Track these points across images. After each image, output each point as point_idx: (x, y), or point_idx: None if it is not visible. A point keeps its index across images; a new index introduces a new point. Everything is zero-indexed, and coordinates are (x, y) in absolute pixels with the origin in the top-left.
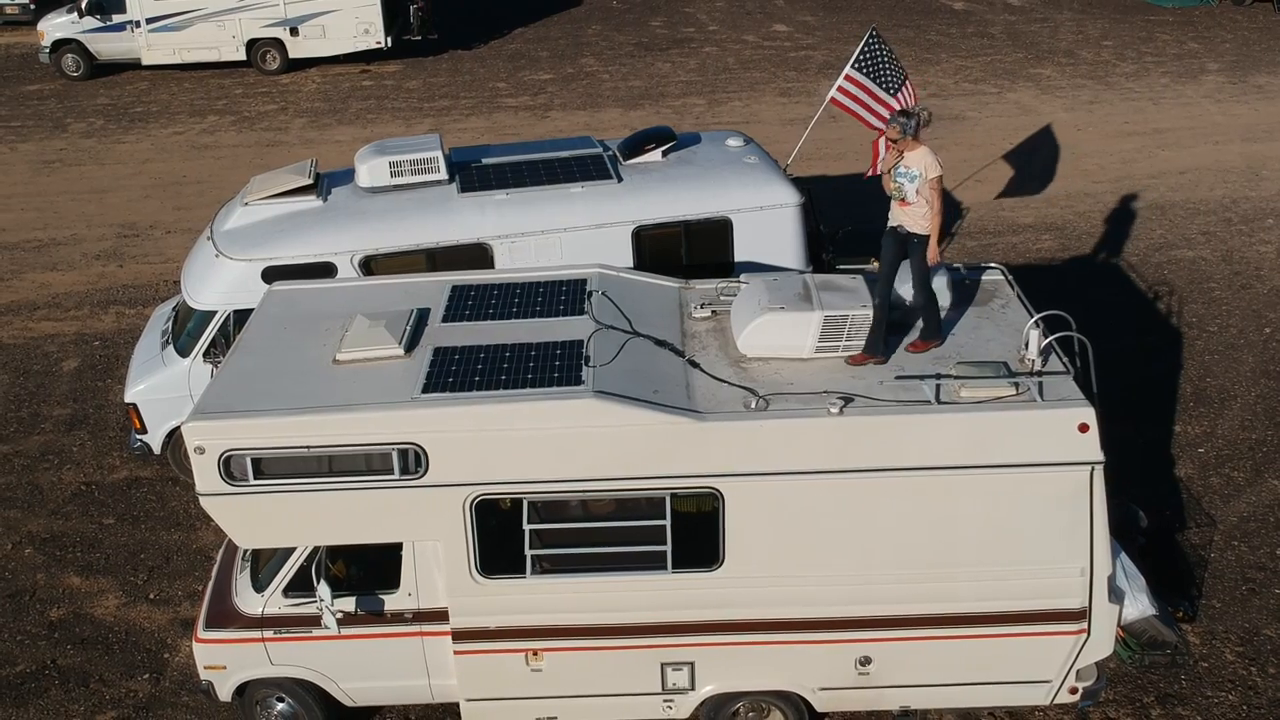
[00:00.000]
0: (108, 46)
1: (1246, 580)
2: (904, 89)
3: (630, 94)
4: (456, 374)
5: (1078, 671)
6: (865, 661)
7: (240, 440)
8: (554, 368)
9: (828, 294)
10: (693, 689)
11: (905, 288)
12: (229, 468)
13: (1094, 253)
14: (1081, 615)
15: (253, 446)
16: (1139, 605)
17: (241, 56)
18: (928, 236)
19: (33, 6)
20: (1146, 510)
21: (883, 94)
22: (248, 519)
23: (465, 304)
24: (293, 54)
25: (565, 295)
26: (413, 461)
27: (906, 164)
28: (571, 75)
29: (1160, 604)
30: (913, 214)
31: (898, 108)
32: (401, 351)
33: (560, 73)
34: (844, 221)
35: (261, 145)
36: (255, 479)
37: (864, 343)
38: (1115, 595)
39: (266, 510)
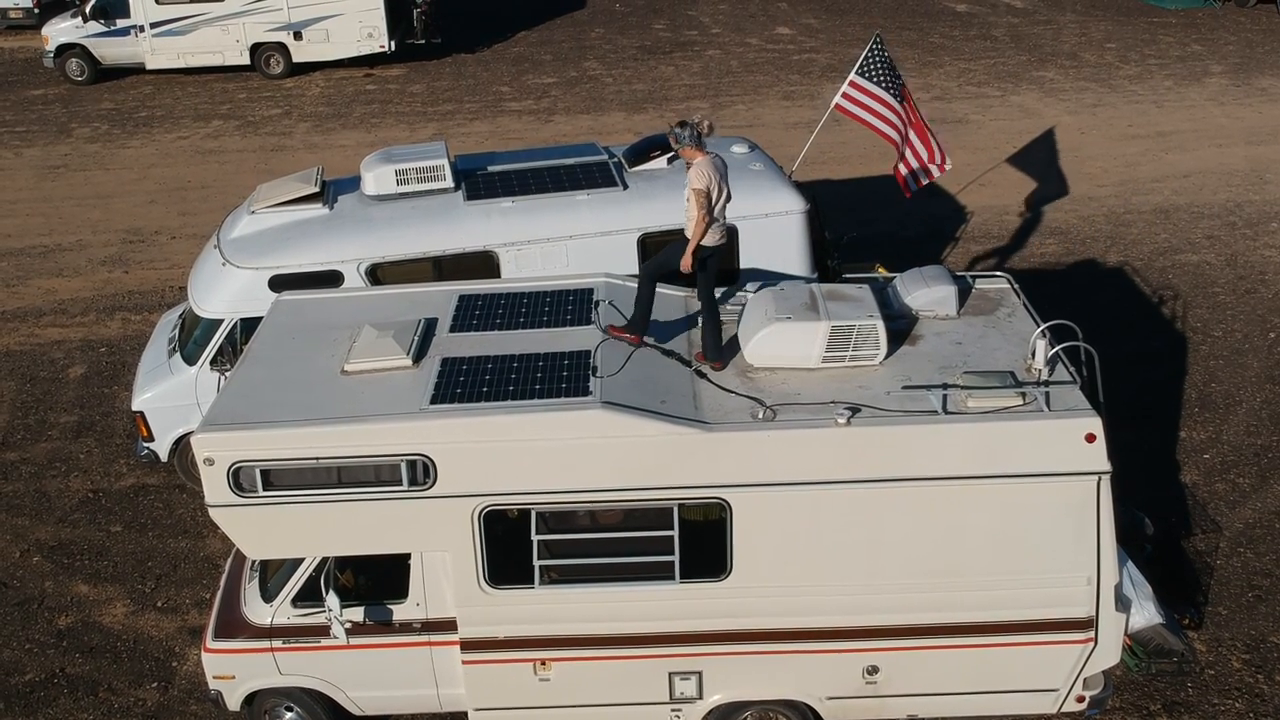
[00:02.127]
0: (112, 51)
1: (1253, 587)
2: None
3: (634, 97)
4: (464, 385)
5: (1085, 680)
6: (873, 670)
7: (249, 452)
8: (562, 378)
9: (834, 304)
10: (700, 698)
11: (915, 291)
12: (238, 479)
13: (1098, 257)
14: (1088, 624)
15: (261, 458)
16: (1146, 613)
17: (245, 61)
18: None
19: (37, 11)
20: (1151, 517)
21: (889, 98)
22: (257, 530)
23: (473, 314)
24: (296, 58)
25: (572, 305)
26: (421, 472)
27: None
28: (575, 79)
29: (1167, 612)
30: (688, 221)
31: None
32: (409, 362)
33: (563, 76)
34: (850, 227)
35: (266, 150)
36: (264, 490)
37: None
38: (1122, 604)
39: (275, 521)
